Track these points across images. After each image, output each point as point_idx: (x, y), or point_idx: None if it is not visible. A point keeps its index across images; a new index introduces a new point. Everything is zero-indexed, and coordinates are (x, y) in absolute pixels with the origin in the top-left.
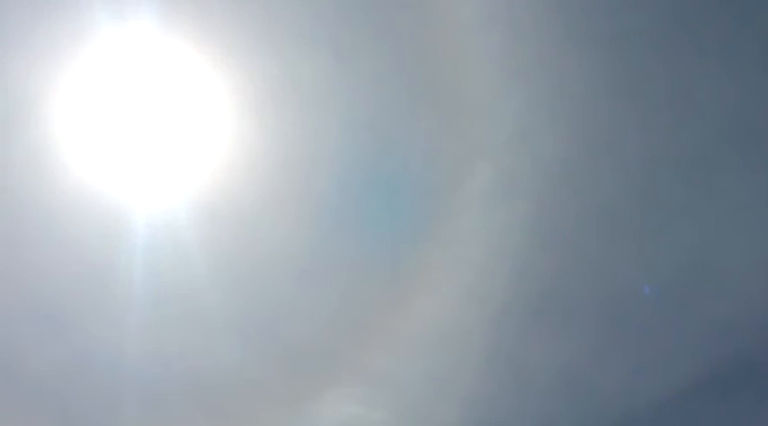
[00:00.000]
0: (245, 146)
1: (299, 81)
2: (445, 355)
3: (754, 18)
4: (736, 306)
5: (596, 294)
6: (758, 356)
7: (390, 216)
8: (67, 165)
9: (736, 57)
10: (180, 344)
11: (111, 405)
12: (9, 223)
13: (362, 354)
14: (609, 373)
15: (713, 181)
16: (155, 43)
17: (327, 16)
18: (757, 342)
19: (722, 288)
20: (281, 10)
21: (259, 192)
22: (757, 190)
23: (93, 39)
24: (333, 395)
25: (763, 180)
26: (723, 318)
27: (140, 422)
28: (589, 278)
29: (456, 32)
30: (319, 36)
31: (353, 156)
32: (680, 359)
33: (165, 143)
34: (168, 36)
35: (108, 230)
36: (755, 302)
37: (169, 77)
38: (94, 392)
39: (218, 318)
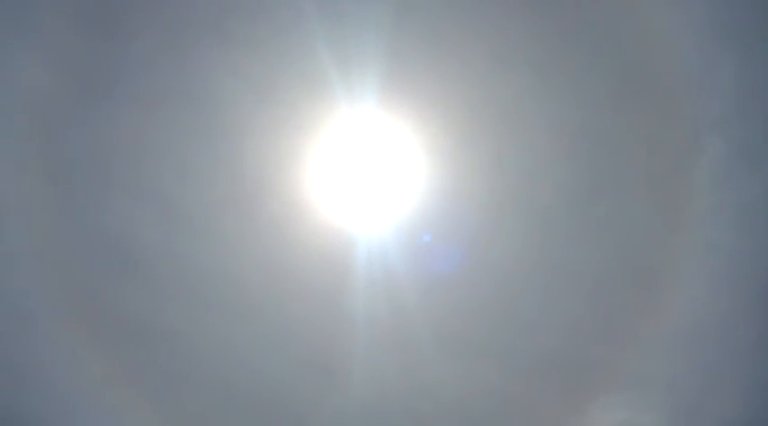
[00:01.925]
0: (464, 168)
1: (505, 102)
2: (708, 347)
3: None
4: None
5: None
6: None
7: (621, 213)
8: (314, 217)
9: None
10: (437, 371)
11: None
12: (274, 276)
13: (619, 358)
14: None
15: None
16: (375, 105)
17: (517, 35)
18: None
19: None
20: (473, 37)
21: (483, 213)
22: None
23: (331, 114)
24: (597, 404)
25: None
26: None
27: None
28: None
29: (654, 10)
30: (514, 56)
31: (570, 163)
32: None
33: (388, 188)
34: (386, 97)
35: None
36: None
37: (388, 129)
38: None
39: (469, 341)
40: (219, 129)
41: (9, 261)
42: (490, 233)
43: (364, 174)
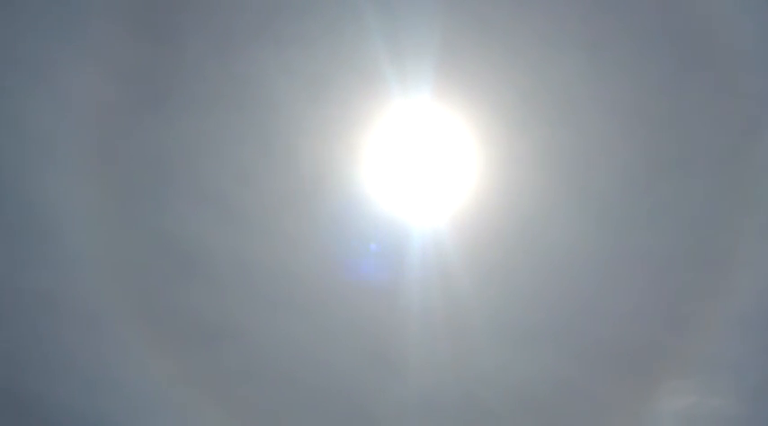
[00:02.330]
0: (519, 156)
1: (558, 86)
2: None
3: None
4: None
5: None
6: None
7: (683, 195)
8: (370, 206)
9: None
10: (497, 358)
11: None
12: (333, 270)
13: (685, 342)
14: None
15: None
16: (428, 97)
17: (567, 16)
18: None
19: None
20: (523, 22)
21: (540, 199)
22: None
23: (385, 105)
24: (663, 390)
25: None
26: None
27: None
28: None
29: None
30: (565, 39)
31: (628, 146)
32: None
33: (443, 179)
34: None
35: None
36: None
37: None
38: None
39: (529, 329)
40: (274, 129)
41: (74, 265)
42: (547, 220)
43: (419, 167)
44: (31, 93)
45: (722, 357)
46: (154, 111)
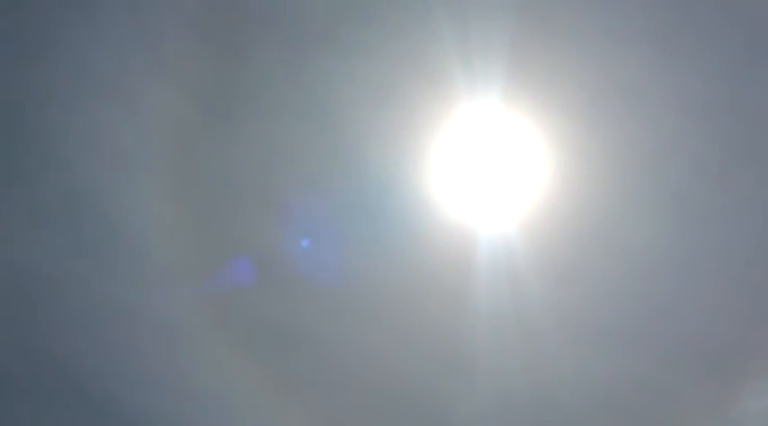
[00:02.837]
0: (590, 156)
1: (627, 81)
2: None
3: None
4: None
5: None
6: None
7: (759, 190)
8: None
9: None
10: (574, 360)
11: None
12: (403, 275)
13: None
14: None
15: None
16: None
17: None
18: None
19: None
20: (587, 18)
21: (612, 199)
22: None
23: (454, 107)
24: (748, 389)
25: None
26: None
27: None
28: None
29: None
30: (632, 34)
31: (703, 138)
32: None
33: (513, 183)
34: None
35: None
36: None
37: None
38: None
39: (604, 329)
40: (342, 136)
41: (150, 276)
42: (621, 219)
43: (489, 170)
44: (105, 107)
45: None
46: (222, 123)
